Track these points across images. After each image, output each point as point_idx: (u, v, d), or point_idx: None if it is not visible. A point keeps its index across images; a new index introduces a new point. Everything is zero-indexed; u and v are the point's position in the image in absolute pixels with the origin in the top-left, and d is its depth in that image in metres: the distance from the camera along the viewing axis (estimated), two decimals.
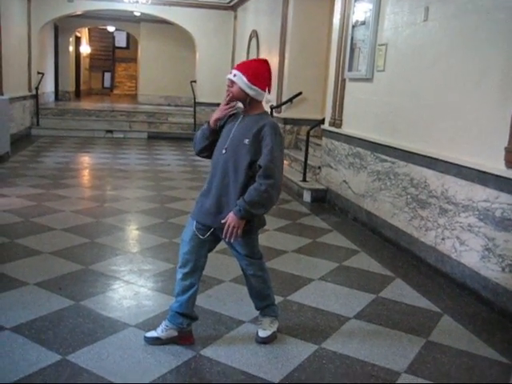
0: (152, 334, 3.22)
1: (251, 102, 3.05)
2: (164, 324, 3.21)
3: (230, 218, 2.93)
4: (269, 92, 3.12)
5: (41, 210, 6.10)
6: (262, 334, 3.31)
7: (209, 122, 3.13)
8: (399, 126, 5.48)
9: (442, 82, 4.77)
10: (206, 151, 3.21)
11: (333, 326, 3.58)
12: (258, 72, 3.03)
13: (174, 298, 3.22)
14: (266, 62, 3.12)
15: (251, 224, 3.05)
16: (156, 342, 3.18)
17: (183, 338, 3.21)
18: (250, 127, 3.00)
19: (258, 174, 2.91)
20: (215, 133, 3.14)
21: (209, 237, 3.10)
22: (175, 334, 3.19)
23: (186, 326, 3.20)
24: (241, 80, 2.98)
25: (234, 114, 3.13)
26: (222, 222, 2.97)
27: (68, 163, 9.55)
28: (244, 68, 3.03)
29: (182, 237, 3.21)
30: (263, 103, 3.12)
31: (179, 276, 3.17)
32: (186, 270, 3.14)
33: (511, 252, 3.83)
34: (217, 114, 3.07)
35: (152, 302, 3.81)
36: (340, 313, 3.78)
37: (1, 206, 6.12)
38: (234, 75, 3.00)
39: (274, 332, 3.34)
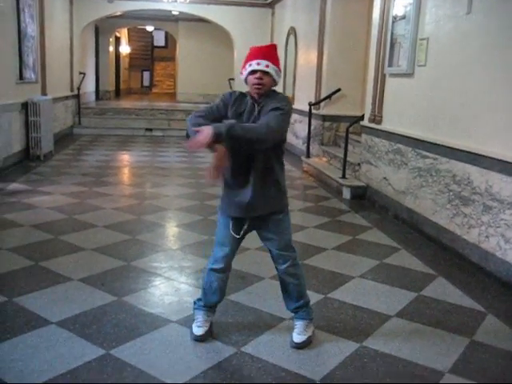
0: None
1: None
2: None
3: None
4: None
5: (83, 207, 6.23)
6: (297, 338, 3.18)
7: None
8: (441, 122, 5.38)
9: (485, 76, 4.65)
10: None
11: (374, 324, 3.54)
12: (278, 58, 3.00)
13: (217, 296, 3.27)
14: (276, 46, 3.06)
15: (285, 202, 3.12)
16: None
17: None
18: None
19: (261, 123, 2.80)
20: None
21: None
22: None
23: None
24: (274, 71, 2.91)
25: (241, 99, 2.96)
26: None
27: (109, 161, 9.72)
28: (271, 57, 2.91)
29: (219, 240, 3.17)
30: None
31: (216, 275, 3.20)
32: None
33: None
34: (197, 145, 2.67)
35: (193, 299, 3.80)
36: (381, 311, 3.74)
37: (45, 204, 6.27)
38: (267, 66, 2.87)
39: (309, 337, 3.21)
